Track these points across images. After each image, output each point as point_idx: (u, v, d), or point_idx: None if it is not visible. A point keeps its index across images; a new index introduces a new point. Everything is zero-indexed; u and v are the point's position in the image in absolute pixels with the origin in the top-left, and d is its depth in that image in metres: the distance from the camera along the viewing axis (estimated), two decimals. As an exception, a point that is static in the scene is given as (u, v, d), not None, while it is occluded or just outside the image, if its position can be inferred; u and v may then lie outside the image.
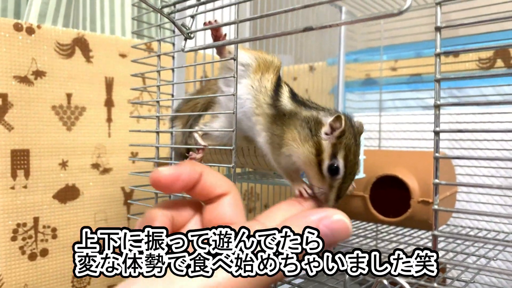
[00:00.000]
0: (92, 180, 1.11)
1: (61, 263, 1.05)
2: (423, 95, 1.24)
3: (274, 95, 0.57)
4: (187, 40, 0.53)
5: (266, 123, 0.56)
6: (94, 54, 1.10)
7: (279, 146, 0.53)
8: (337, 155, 0.49)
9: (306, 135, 0.51)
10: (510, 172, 1.08)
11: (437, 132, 0.41)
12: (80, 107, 1.08)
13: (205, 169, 0.44)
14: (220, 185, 0.45)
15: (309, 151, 0.50)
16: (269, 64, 0.60)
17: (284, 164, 0.54)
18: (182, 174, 0.42)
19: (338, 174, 0.49)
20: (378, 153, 1.05)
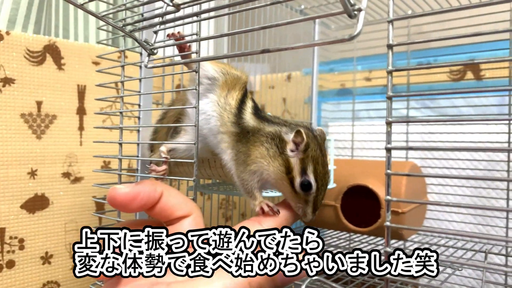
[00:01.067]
0: (63, 189, 1.08)
1: (28, 274, 1.02)
2: (397, 105, 1.25)
3: (237, 113, 0.57)
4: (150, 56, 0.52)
5: (231, 141, 0.56)
6: (66, 62, 1.08)
7: (244, 163, 0.53)
8: (307, 170, 0.50)
9: (274, 152, 0.52)
10: (480, 182, 1.10)
11: (389, 149, 0.42)
12: (50, 115, 1.06)
13: (167, 190, 0.43)
14: (181, 207, 0.44)
15: (280, 169, 0.51)
16: (236, 81, 0.60)
17: (248, 181, 0.53)
18: (141, 193, 0.41)
19: (311, 189, 0.50)
20: (349, 162, 1.06)
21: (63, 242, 1.08)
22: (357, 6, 0.34)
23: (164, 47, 0.53)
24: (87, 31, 1.24)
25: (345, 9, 0.34)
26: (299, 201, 0.51)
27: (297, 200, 0.51)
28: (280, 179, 0.51)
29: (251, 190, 0.53)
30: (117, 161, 1.15)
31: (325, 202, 0.97)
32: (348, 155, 1.29)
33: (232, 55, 0.44)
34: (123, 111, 0.64)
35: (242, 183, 0.54)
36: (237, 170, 0.54)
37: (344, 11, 0.34)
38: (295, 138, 0.51)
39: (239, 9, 0.41)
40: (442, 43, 1.18)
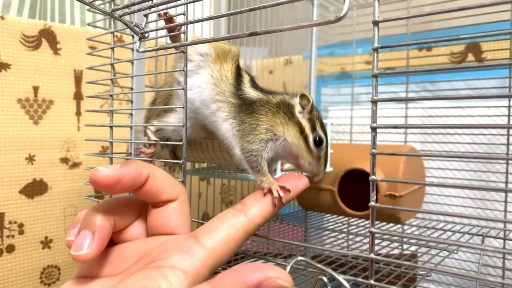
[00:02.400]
0: (61, 175, 1.09)
1: (28, 259, 1.03)
2: (396, 88, 1.24)
3: (236, 85, 0.57)
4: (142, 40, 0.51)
5: (231, 111, 0.55)
6: (62, 46, 1.08)
7: (251, 133, 0.53)
8: (316, 127, 0.55)
9: (285, 118, 0.55)
10: (479, 166, 1.09)
11: (374, 128, 0.41)
12: (47, 100, 1.05)
13: (153, 172, 0.43)
14: (167, 190, 0.43)
15: (294, 130, 0.54)
16: (227, 53, 0.59)
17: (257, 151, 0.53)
18: (125, 176, 0.40)
19: (323, 144, 0.54)
20: (347, 146, 1.05)
21: (62, 226, 1.09)
22: None
23: (155, 30, 0.52)
24: (83, 15, 1.23)
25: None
26: (313, 158, 0.54)
27: (311, 157, 0.54)
28: (297, 139, 0.54)
29: (259, 163, 0.52)
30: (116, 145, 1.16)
31: (322, 186, 0.97)
32: (348, 139, 1.28)
33: (220, 38, 0.44)
34: (113, 93, 0.63)
35: (249, 155, 0.53)
36: (242, 141, 0.53)
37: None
38: (301, 101, 0.55)
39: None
40: (444, 24, 1.16)
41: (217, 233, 0.42)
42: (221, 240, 0.41)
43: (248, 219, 0.44)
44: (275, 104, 0.55)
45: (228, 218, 0.44)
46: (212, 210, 1.39)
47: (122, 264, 0.42)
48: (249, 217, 0.45)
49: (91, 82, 0.69)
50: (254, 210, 0.46)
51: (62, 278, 1.09)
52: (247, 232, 0.44)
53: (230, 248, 0.42)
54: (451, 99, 0.42)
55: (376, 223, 1.03)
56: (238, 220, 0.44)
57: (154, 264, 0.38)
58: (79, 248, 0.38)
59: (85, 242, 0.38)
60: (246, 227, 0.44)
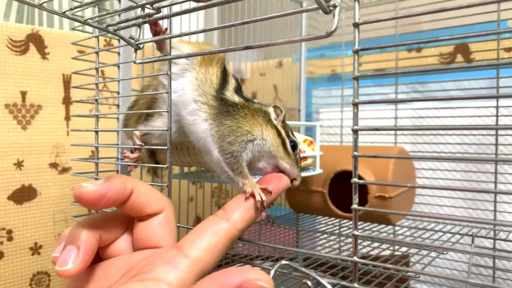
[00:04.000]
0: (51, 180, 1.08)
1: (18, 265, 1.02)
2: (387, 90, 1.24)
3: (219, 89, 0.57)
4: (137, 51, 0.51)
5: (211, 113, 0.55)
6: (50, 51, 1.07)
7: (231, 134, 0.53)
8: (289, 134, 0.58)
9: (264, 121, 0.57)
10: (470, 166, 1.09)
11: (356, 131, 0.41)
12: (36, 105, 1.05)
13: (137, 186, 0.42)
14: (151, 204, 0.43)
15: (273, 132, 0.56)
16: (212, 57, 0.59)
17: (237, 153, 0.52)
18: (109, 191, 0.39)
19: (297, 149, 0.57)
20: (337, 148, 1.05)
21: (52, 232, 1.08)
22: (332, 2, 0.34)
23: (149, 41, 0.52)
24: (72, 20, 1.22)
25: (319, 6, 0.34)
26: (291, 160, 0.55)
27: (290, 159, 0.55)
28: (275, 140, 0.55)
29: (241, 164, 0.51)
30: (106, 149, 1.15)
31: (313, 188, 0.96)
32: (338, 141, 1.28)
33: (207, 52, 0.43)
34: (98, 98, 0.63)
35: (229, 157, 0.52)
36: (221, 142, 0.52)
37: (319, 7, 0.34)
38: (275, 110, 0.58)
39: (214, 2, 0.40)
40: (433, 26, 1.16)
41: (199, 242, 0.41)
42: (204, 249, 0.41)
43: (230, 225, 0.44)
44: (253, 109, 0.57)
45: (210, 226, 0.43)
46: (204, 214, 1.38)
47: (108, 279, 0.41)
48: (231, 223, 0.44)
49: (77, 86, 0.69)
50: (236, 215, 0.45)
51: (52, 284, 1.08)
52: (230, 239, 0.44)
53: (214, 256, 0.42)
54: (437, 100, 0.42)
55: (367, 224, 1.03)
56: (220, 227, 0.43)
57: (138, 278, 0.37)
58: (64, 263, 0.38)
59: (70, 257, 0.38)
60: (228, 233, 0.43)
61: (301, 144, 0.86)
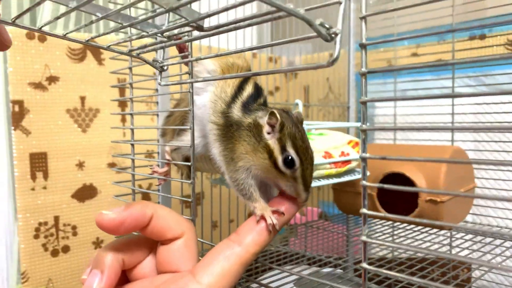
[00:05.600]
0: (109, 179, 1.15)
1: (82, 258, 1.10)
2: (447, 82, 1.16)
3: (230, 101, 0.55)
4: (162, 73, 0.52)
5: (218, 134, 0.54)
6: (106, 57, 1.13)
7: (232, 160, 0.51)
8: (286, 146, 0.49)
9: (253, 143, 0.51)
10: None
11: (364, 130, 0.38)
12: (94, 109, 1.11)
13: (157, 212, 0.43)
14: (171, 229, 0.43)
15: (262, 157, 0.50)
16: (231, 67, 0.58)
17: (242, 179, 0.51)
18: (128, 218, 0.41)
19: (295, 164, 0.48)
20: (386, 148, 1.00)
21: (112, 228, 1.15)
22: (333, 30, 0.32)
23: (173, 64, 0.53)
24: (127, 24, 1.28)
25: (319, 35, 0.32)
26: (288, 180, 0.49)
27: (286, 180, 0.49)
28: (266, 166, 0.50)
29: (248, 190, 0.51)
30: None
31: (360, 190, 0.93)
32: (391, 138, 1.22)
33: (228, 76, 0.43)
34: (133, 113, 0.65)
35: (236, 184, 0.51)
36: (228, 170, 0.52)
37: (319, 35, 0.32)
38: (269, 120, 0.50)
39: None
40: (498, 10, 1.06)
41: (212, 268, 0.41)
42: (217, 275, 0.41)
43: (243, 249, 0.44)
44: (246, 126, 0.52)
45: (222, 251, 0.44)
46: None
47: None
48: (244, 247, 0.44)
49: (115, 100, 0.72)
50: (249, 239, 0.45)
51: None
52: (242, 263, 0.43)
53: (228, 282, 0.42)
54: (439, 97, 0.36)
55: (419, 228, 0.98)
56: (233, 251, 0.43)
57: None
58: (89, 287, 0.40)
59: (94, 281, 0.40)
60: (241, 258, 0.43)
61: (345, 146, 0.83)
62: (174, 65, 0.50)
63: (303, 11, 0.30)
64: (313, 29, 0.31)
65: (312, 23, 0.30)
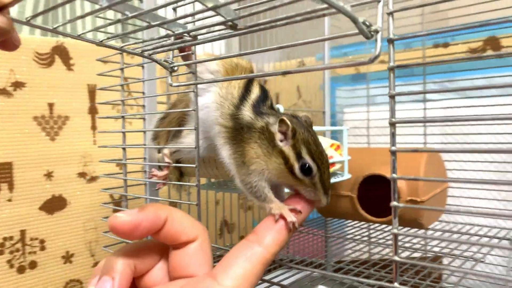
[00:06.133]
0: (80, 189, 1.09)
1: (51, 273, 1.04)
2: (413, 88, 1.21)
3: (239, 103, 0.55)
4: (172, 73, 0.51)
5: (227, 137, 0.53)
6: (75, 62, 1.08)
7: (244, 164, 0.51)
8: (301, 153, 0.48)
9: (267, 147, 0.50)
10: (506, 166, 1.05)
11: (393, 124, 0.39)
12: (63, 116, 1.06)
13: (171, 215, 0.41)
14: (186, 232, 0.41)
15: (277, 162, 0.49)
16: (235, 68, 0.57)
17: (255, 182, 0.50)
18: (143, 221, 0.39)
19: (312, 171, 0.48)
20: (365, 151, 1.03)
21: (82, 240, 1.10)
22: (373, 28, 0.33)
23: (182, 64, 0.52)
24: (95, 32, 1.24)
25: (361, 32, 0.33)
26: (307, 187, 0.48)
27: (305, 187, 0.48)
28: (281, 172, 0.49)
29: (262, 192, 0.50)
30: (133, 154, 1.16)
31: (341, 193, 0.95)
32: (365, 142, 1.26)
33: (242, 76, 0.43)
34: (125, 115, 0.63)
35: (249, 187, 0.50)
36: (239, 174, 0.52)
37: (361, 33, 0.33)
38: (280, 128, 0.50)
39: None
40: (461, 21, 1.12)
41: (234, 270, 0.40)
42: (240, 277, 0.40)
43: (264, 249, 0.42)
44: (259, 129, 0.52)
45: (243, 252, 0.42)
46: (231, 217, 1.38)
47: None
48: (264, 247, 0.43)
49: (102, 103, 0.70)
50: (268, 238, 0.44)
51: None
52: (264, 263, 0.42)
53: (250, 283, 0.40)
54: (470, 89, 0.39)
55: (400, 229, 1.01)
56: (254, 252, 0.42)
57: None
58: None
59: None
60: (263, 258, 0.42)
61: (328, 149, 0.84)
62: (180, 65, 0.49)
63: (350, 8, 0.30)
64: (357, 27, 0.32)
65: (357, 21, 0.31)
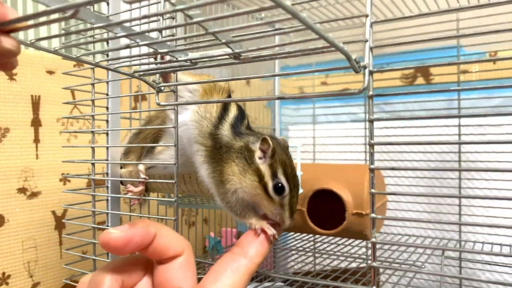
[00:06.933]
0: (19, 206, 1.03)
1: (-16, 297, 0.96)
2: (353, 109, 1.30)
3: (217, 122, 0.56)
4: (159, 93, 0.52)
5: (206, 155, 0.55)
6: (18, 72, 1.03)
7: (221, 183, 0.52)
8: (277, 173, 0.50)
9: (243, 165, 0.52)
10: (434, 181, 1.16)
11: (372, 145, 0.44)
12: (3, 128, 1.00)
13: (160, 230, 0.42)
14: (174, 246, 0.42)
15: (251, 179, 0.51)
16: (213, 88, 0.59)
17: (233, 202, 0.52)
18: (135, 236, 0.39)
19: (284, 191, 0.50)
20: (314, 167, 1.09)
21: (21, 261, 1.03)
22: (362, 63, 0.39)
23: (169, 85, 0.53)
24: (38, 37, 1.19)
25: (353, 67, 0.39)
26: (275, 207, 0.50)
27: (274, 206, 0.50)
28: (254, 188, 0.51)
29: (241, 211, 0.52)
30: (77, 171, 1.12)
31: (292, 207, 0.99)
32: (310, 159, 1.32)
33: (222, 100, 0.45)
34: (94, 114, 0.62)
35: (228, 206, 0.52)
36: (218, 193, 0.53)
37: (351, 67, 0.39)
38: (261, 146, 0.52)
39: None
40: (395, 49, 1.24)
41: (222, 281, 0.42)
42: (229, 287, 0.42)
43: (249, 261, 0.45)
44: (237, 149, 0.54)
45: (229, 264, 0.44)
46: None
47: None
48: (249, 259, 0.45)
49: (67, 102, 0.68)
50: (252, 250, 0.46)
51: (21, 316, 1.03)
52: (250, 274, 0.44)
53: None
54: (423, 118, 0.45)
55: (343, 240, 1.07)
56: (240, 263, 0.44)
57: None
58: None
59: None
60: (248, 269, 0.44)
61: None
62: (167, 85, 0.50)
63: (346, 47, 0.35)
64: (350, 63, 0.36)
65: (351, 58, 0.35)
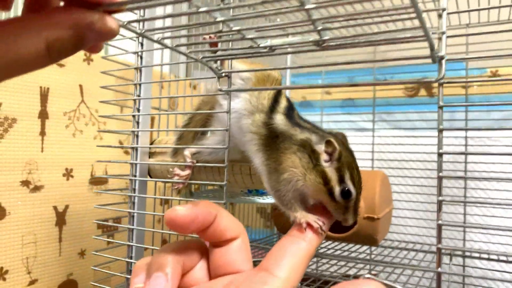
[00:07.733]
0: (21, 199, 1.00)
1: (-20, 293, 0.92)
2: (355, 118, 1.33)
3: (269, 112, 0.56)
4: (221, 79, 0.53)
5: (260, 144, 0.55)
6: (28, 61, 1.01)
7: (276, 171, 0.52)
8: (345, 178, 0.49)
9: (307, 162, 0.51)
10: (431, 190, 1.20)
11: (441, 154, 0.45)
12: (10, 118, 0.98)
13: (220, 212, 0.42)
14: (231, 229, 0.41)
15: (317, 181, 0.50)
16: (266, 78, 0.59)
17: (284, 191, 0.51)
18: (199, 215, 0.39)
19: (351, 196, 0.49)
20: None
21: (19, 256, 1.00)
22: (440, 54, 0.41)
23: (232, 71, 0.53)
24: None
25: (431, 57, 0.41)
26: (339, 208, 0.49)
27: (337, 207, 0.49)
28: (318, 190, 0.50)
29: (289, 201, 0.51)
30: (82, 169, 1.10)
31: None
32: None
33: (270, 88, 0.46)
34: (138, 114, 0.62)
35: (277, 194, 0.52)
36: (270, 180, 0.53)
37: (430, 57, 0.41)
38: (327, 149, 0.50)
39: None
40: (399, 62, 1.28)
41: (284, 262, 0.42)
42: (292, 269, 0.42)
43: (308, 243, 0.45)
44: (299, 141, 0.52)
45: (290, 247, 0.44)
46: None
47: None
48: (308, 241, 0.45)
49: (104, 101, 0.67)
50: (310, 234, 0.46)
51: (18, 313, 0.99)
52: (309, 257, 0.45)
53: (300, 275, 0.42)
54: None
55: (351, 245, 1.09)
56: (300, 247, 0.45)
57: None
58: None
59: (160, 284, 0.37)
60: (308, 252, 0.45)
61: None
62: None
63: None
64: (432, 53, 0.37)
65: (433, 48, 0.37)
